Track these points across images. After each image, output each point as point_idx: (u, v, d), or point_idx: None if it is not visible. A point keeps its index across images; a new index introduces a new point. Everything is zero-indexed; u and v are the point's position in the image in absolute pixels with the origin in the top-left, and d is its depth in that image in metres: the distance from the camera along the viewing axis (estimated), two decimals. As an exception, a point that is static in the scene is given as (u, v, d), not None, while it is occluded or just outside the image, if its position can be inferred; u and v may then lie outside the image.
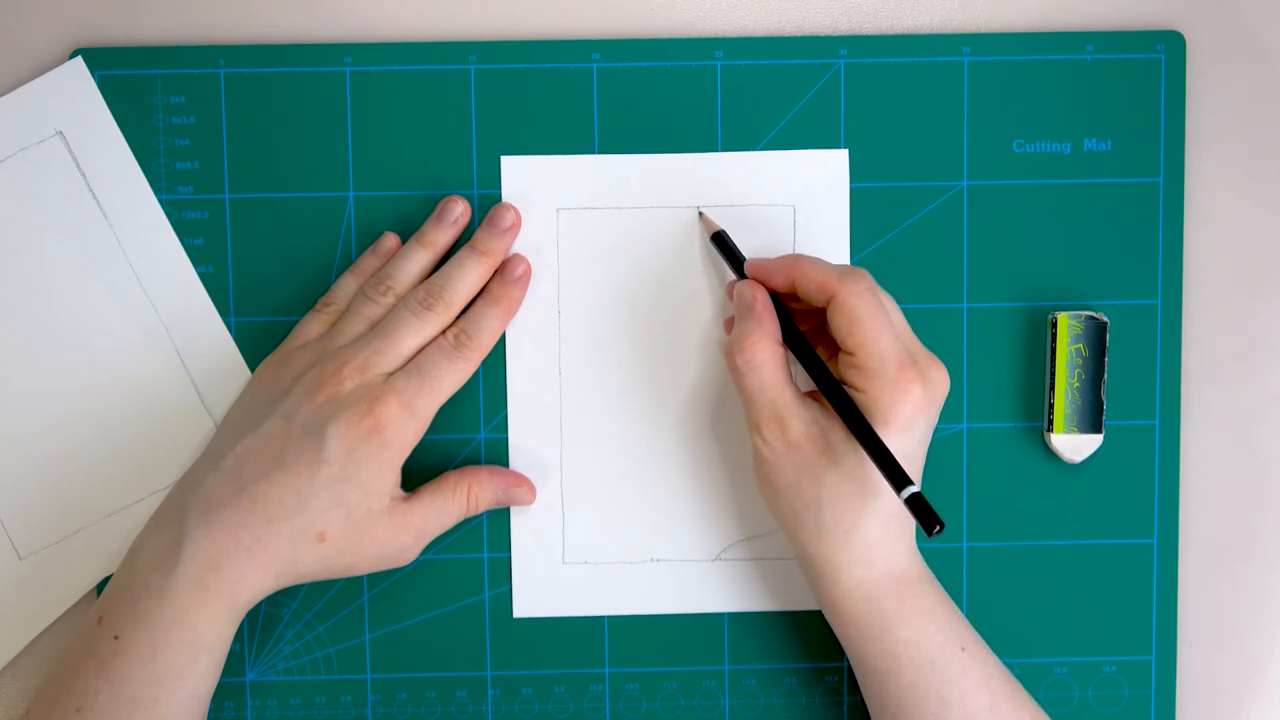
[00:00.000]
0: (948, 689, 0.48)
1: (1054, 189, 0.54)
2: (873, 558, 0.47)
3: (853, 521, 0.47)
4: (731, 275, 0.52)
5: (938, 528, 0.43)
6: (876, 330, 0.46)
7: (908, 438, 0.46)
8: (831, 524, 0.47)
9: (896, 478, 0.44)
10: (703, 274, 0.54)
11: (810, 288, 0.48)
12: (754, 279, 0.50)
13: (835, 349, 0.49)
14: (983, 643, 0.49)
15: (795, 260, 0.49)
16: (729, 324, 0.52)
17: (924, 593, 0.48)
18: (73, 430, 0.54)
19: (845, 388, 0.47)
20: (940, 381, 0.47)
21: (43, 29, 0.54)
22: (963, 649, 0.48)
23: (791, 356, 0.49)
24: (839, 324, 0.47)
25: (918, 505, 0.43)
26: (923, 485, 0.54)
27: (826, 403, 0.48)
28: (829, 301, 0.47)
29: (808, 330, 0.51)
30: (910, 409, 0.46)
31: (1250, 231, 0.55)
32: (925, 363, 0.47)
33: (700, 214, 0.54)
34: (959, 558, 0.55)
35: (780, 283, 0.49)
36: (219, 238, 0.54)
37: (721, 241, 0.53)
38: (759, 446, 0.48)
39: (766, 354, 0.48)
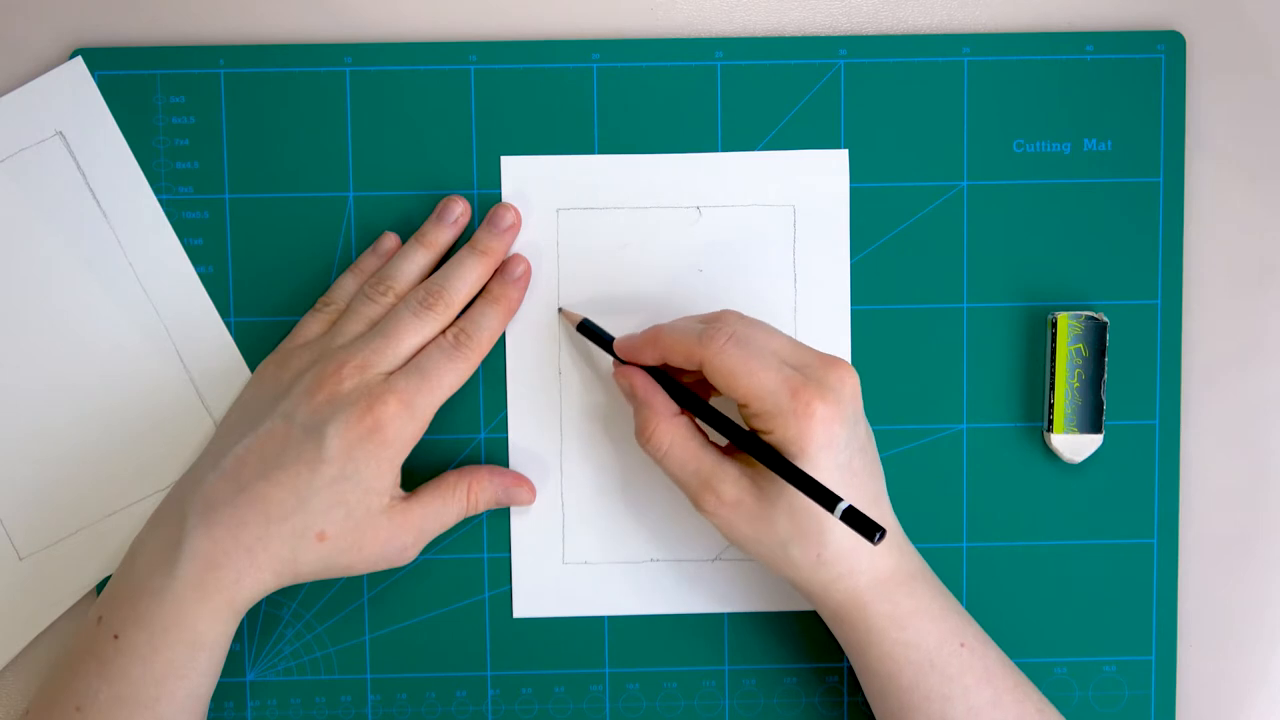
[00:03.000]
0: (949, 686, 0.48)
1: (1054, 189, 0.54)
2: (855, 568, 0.47)
3: (819, 547, 0.47)
4: (609, 359, 0.52)
5: (878, 535, 0.43)
6: (753, 376, 0.46)
7: (832, 452, 0.46)
8: (801, 556, 0.47)
9: (825, 499, 0.44)
10: (703, 274, 0.54)
11: (678, 359, 0.48)
12: (626, 361, 0.50)
13: None
14: (983, 635, 0.49)
15: (656, 335, 0.49)
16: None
17: (917, 592, 0.48)
18: (73, 430, 0.54)
19: (754, 434, 0.47)
20: (840, 381, 0.46)
21: (43, 29, 0.54)
22: (961, 644, 0.48)
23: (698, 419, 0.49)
24: (719, 383, 0.47)
25: (854, 518, 0.43)
26: (923, 487, 0.54)
27: (745, 454, 0.48)
28: (701, 366, 0.47)
29: (699, 382, 0.51)
30: (819, 428, 0.46)
31: (1250, 231, 0.55)
32: (820, 373, 0.46)
33: (560, 310, 0.54)
34: (959, 558, 0.55)
35: (650, 359, 0.49)
36: (219, 238, 0.54)
37: (588, 329, 0.53)
38: (706, 516, 0.48)
39: (671, 433, 0.48)
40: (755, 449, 0.47)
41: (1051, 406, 0.54)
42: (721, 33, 0.55)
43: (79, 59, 0.54)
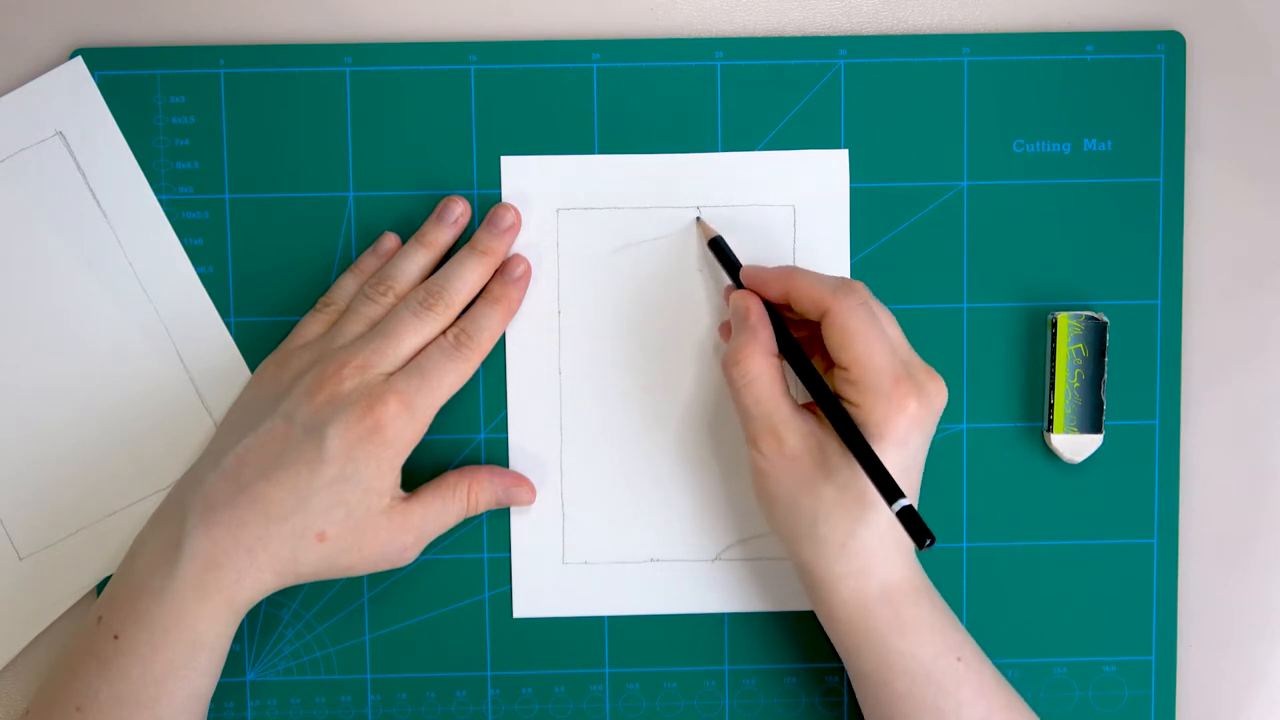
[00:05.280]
0: (943, 699, 0.48)
1: (1054, 189, 0.54)
2: (869, 569, 0.47)
3: (849, 533, 0.47)
4: (728, 280, 0.52)
5: (929, 541, 0.43)
6: (870, 346, 0.46)
7: (903, 452, 0.46)
8: (828, 536, 0.47)
9: (889, 490, 0.44)
10: (702, 275, 0.54)
11: (805, 303, 0.48)
12: (749, 289, 0.50)
13: (829, 360, 0.49)
14: (980, 653, 0.49)
15: (790, 273, 0.49)
16: (724, 329, 0.52)
17: (920, 602, 0.48)
18: (73, 430, 0.54)
19: (840, 401, 0.47)
20: (936, 395, 0.47)
21: (43, 29, 0.54)
22: (959, 659, 0.48)
23: (788, 368, 0.49)
24: (833, 339, 0.47)
25: (909, 518, 0.43)
26: (923, 487, 0.54)
27: (822, 415, 0.48)
28: (823, 316, 0.47)
29: (804, 339, 0.51)
30: (905, 423, 0.46)
31: (1250, 231, 0.55)
32: (921, 376, 0.47)
33: (698, 219, 0.54)
34: (959, 558, 0.55)
35: (775, 294, 0.49)
36: (219, 238, 0.54)
37: (718, 247, 0.53)
38: (756, 459, 0.48)
39: (762, 367, 0.48)
40: (839, 418, 0.46)
41: (1051, 406, 0.54)
42: (721, 33, 0.55)
43: (79, 59, 0.54)
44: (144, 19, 0.54)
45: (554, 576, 0.55)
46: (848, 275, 0.54)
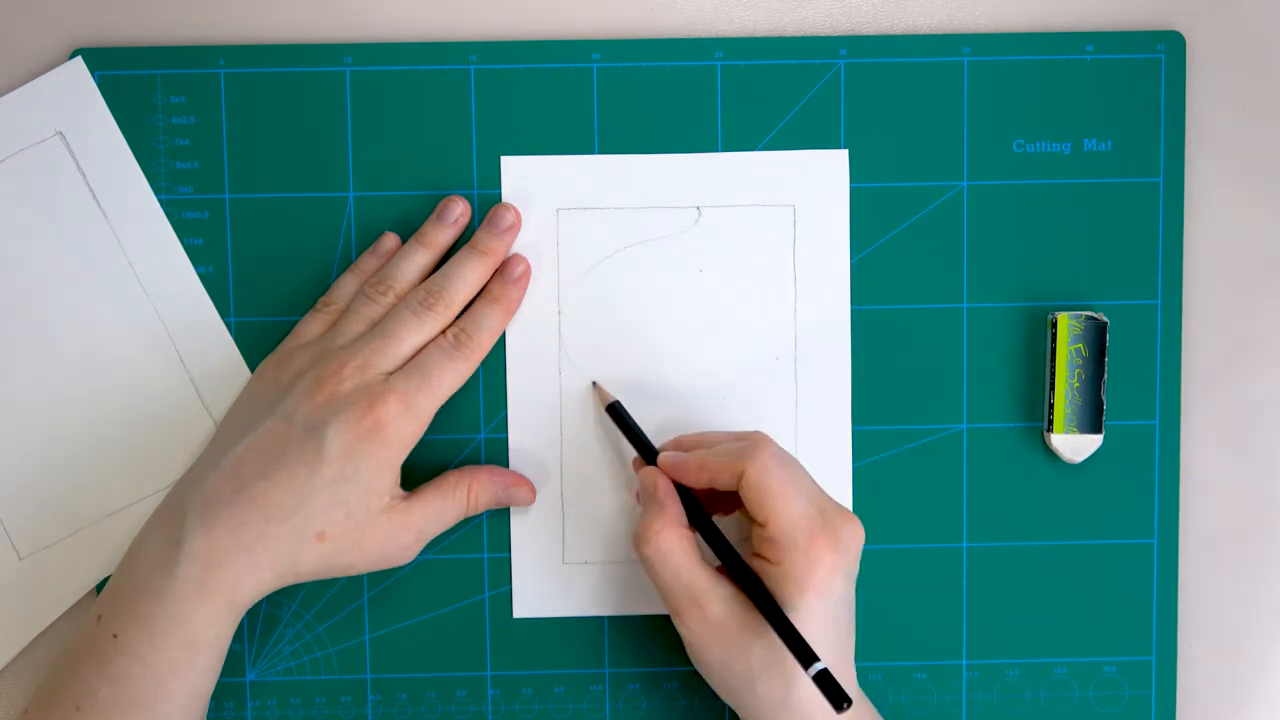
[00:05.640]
0: None
1: (1054, 189, 0.54)
2: (814, 716, 0.47)
3: (786, 688, 0.47)
4: (634, 452, 0.52)
5: (845, 704, 0.43)
6: (786, 503, 0.46)
7: (827, 601, 0.46)
8: (767, 694, 0.47)
9: (803, 655, 0.45)
10: (702, 274, 0.54)
11: (724, 477, 0.48)
12: (667, 474, 0.50)
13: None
14: None
15: (703, 459, 0.49)
16: (638, 496, 0.52)
17: None
18: (72, 430, 0.54)
19: (761, 560, 0.47)
20: (852, 538, 0.47)
21: (43, 29, 0.54)
22: None
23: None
24: (751, 499, 0.47)
25: (825, 682, 0.44)
26: (922, 487, 0.54)
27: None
28: (739, 480, 0.47)
29: (716, 495, 0.51)
30: (824, 574, 0.46)
31: (1250, 231, 0.55)
32: (837, 522, 0.47)
33: (594, 383, 0.54)
34: (959, 558, 0.55)
35: (695, 481, 0.49)
36: (219, 238, 0.54)
37: (616, 414, 0.53)
38: (683, 631, 0.48)
39: (673, 541, 0.48)
40: (750, 585, 0.47)
41: (1051, 406, 0.54)
42: (721, 33, 0.55)
43: (79, 59, 0.54)
44: (144, 19, 0.54)
45: (554, 576, 0.55)
46: (844, 277, 0.54)
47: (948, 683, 0.55)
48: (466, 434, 0.54)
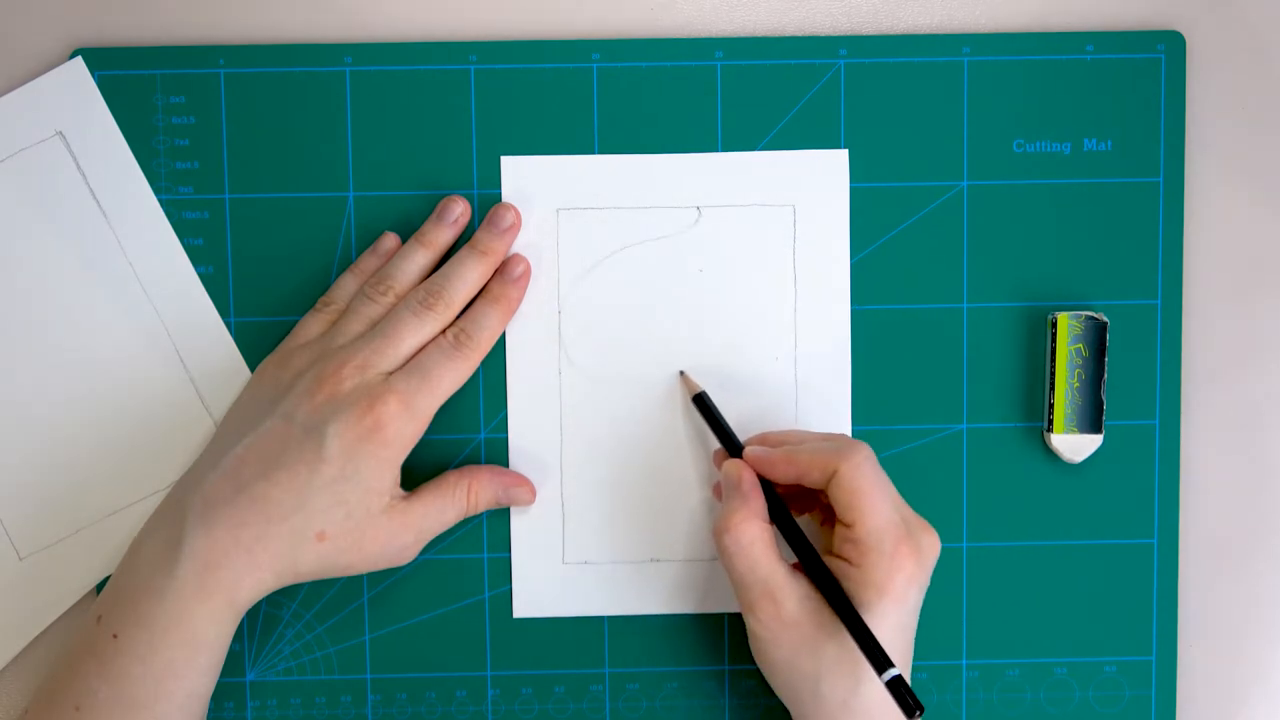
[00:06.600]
0: None
1: (1054, 189, 0.54)
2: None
3: (851, 690, 0.47)
4: (717, 443, 0.52)
5: (918, 712, 0.43)
6: (876, 505, 0.46)
7: (902, 608, 0.46)
8: (829, 694, 0.47)
9: (878, 660, 0.44)
10: (702, 274, 0.54)
11: (814, 474, 0.48)
12: (752, 468, 0.50)
13: (828, 512, 0.49)
14: None
15: (792, 454, 0.48)
16: (717, 490, 0.51)
17: None
18: (72, 430, 0.54)
19: (840, 560, 0.47)
20: (931, 548, 0.47)
21: (43, 29, 0.54)
22: None
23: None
24: (841, 499, 0.47)
25: (898, 689, 0.44)
26: (922, 487, 0.54)
27: None
28: (830, 478, 0.47)
29: (791, 494, 0.51)
30: (904, 581, 0.46)
31: (1250, 231, 0.55)
32: (919, 532, 0.47)
33: (681, 372, 0.54)
34: (959, 558, 0.55)
35: (781, 477, 0.49)
36: (219, 238, 0.54)
37: (704, 405, 0.52)
38: (753, 626, 0.48)
39: (754, 533, 0.48)
40: (827, 586, 0.47)
41: (1051, 406, 0.54)
42: (721, 33, 0.55)
43: (79, 59, 0.54)
44: (144, 19, 0.54)
45: (554, 576, 0.55)
46: (844, 277, 0.54)
47: (948, 683, 0.55)
48: (466, 434, 0.54)
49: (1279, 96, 0.55)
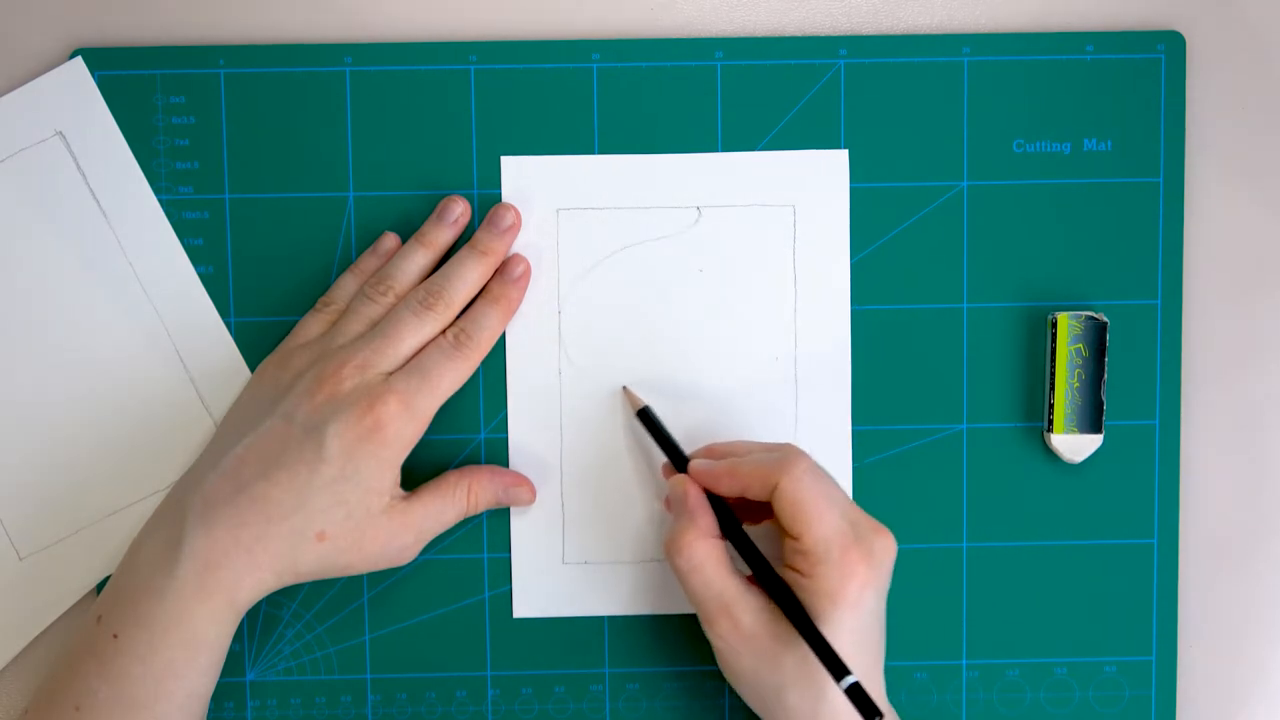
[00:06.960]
0: None
1: (1054, 189, 0.54)
2: None
3: (818, 698, 0.47)
4: (663, 457, 0.52)
5: (877, 718, 0.43)
6: (820, 514, 0.46)
7: (859, 614, 0.46)
8: (797, 704, 0.47)
9: (835, 668, 0.45)
10: (702, 274, 0.54)
11: (756, 488, 0.48)
12: (698, 483, 0.50)
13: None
14: None
15: (734, 467, 0.48)
16: (667, 503, 0.51)
17: None
18: (72, 430, 0.54)
19: (792, 573, 0.47)
20: (884, 550, 0.47)
21: (43, 29, 0.54)
22: None
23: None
24: (784, 512, 0.47)
25: (857, 695, 0.44)
26: (922, 488, 0.54)
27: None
28: (772, 491, 0.47)
29: (745, 504, 0.50)
30: (857, 588, 0.46)
31: (1250, 231, 0.55)
32: (870, 536, 0.47)
33: (624, 387, 0.54)
34: (959, 558, 0.55)
35: (727, 490, 0.49)
36: (219, 238, 0.54)
37: (648, 419, 0.52)
38: (714, 640, 0.48)
39: (704, 551, 0.48)
40: (781, 597, 0.47)
41: (1051, 406, 0.54)
42: (721, 33, 0.55)
43: (79, 59, 0.54)
44: (144, 19, 0.54)
45: (554, 576, 0.55)
46: (844, 277, 0.54)
47: (948, 683, 0.55)
48: (466, 434, 0.54)
49: (1279, 96, 0.55)
